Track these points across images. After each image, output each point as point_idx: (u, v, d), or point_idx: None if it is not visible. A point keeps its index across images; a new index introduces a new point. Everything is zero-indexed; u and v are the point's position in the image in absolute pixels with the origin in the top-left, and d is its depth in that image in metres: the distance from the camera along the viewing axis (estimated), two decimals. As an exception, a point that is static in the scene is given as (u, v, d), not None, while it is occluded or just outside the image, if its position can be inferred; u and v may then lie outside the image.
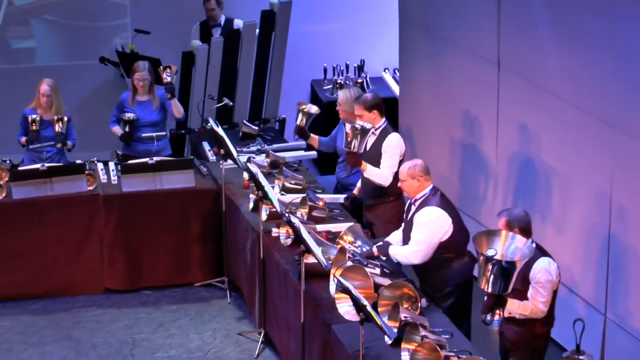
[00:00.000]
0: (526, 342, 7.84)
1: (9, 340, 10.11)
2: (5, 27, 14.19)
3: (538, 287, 7.63)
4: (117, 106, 11.59)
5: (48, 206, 10.77)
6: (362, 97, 9.98)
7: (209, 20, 13.71)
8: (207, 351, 9.85)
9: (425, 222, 8.51)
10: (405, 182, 8.66)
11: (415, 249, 8.53)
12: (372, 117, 9.83)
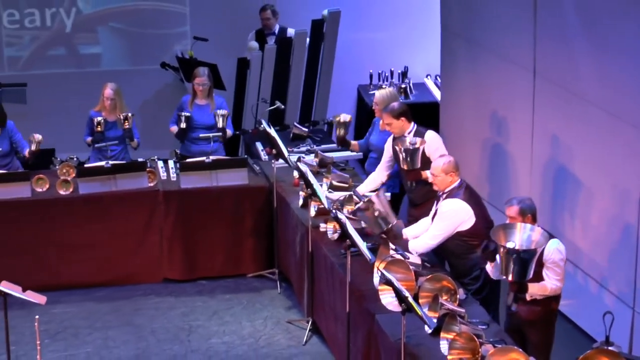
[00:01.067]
0: (542, 319, 7.92)
1: (75, 325, 10.16)
2: (74, 34, 14.26)
3: (553, 267, 7.76)
4: (178, 108, 11.63)
5: (112, 201, 10.83)
6: (389, 106, 9.89)
7: (264, 29, 13.73)
8: (258, 338, 9.86)
9: (446, 211, 8.61)
10: (439, 178, 8.69)
11: (432, 235, 8.65)
12: (400, 124, 9.79)
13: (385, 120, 9.87)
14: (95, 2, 14.21)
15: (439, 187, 8.76)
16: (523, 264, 7.35)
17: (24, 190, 10.71)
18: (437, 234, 8.62)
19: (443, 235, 8.61)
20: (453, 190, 8.66)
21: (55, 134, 13.26)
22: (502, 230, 7.54)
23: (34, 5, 14.06)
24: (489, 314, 8.08)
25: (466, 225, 8.55)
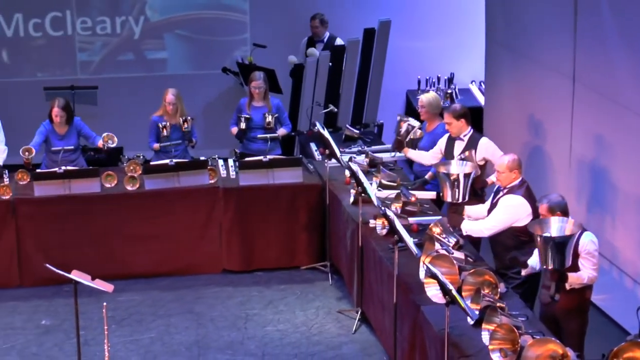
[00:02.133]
0: (578, 308, 7.93)
1: (139, 312, 10.21)
2: (142, 40, 14.33)
3: (588, 257, 7.78)
4: (237, 110, 11.68)
5: (175, 196, 10.87)
6: (451, 107, 9.93)
7: (314, 37, 13.74)
8: (310, 326, 9.86)
9: (506, 206, 8.64)
10: (504, 174, 8.70)
11: (489, 225, 8.70)
12: (459, 125, 9.77)
13: (445, 120, 9.88)
14: (162, 10, 14.28)
15: (502, 183, 8.78)
16: (560, 250, 7.43)
17: (94, 186, 10.78)
18: (493, 225, 8.69)
19: (498, 227, 8.68)
20: (514, 187, 8.68)
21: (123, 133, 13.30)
22: (537, 223, 7.64)
23: (106, 14, 14.15)
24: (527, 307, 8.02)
25: (522, 222, 8.55)
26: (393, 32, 13.60)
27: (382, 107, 13.83)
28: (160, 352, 9.40)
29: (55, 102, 11.10)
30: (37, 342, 9.63)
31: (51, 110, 11.08)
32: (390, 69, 13.80)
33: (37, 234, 10.69)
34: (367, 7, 14.14)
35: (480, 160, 9.75)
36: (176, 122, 11.33)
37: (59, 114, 11.03)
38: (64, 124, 11.11)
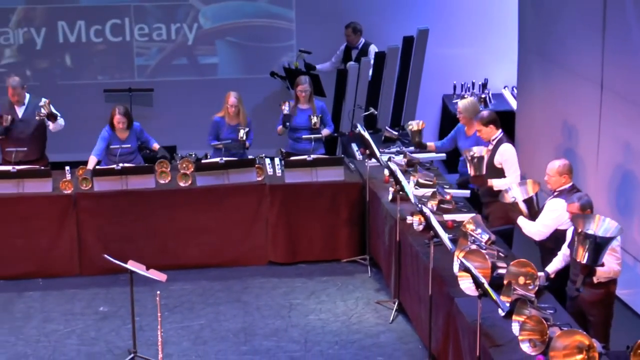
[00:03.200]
0: (604, 300, 7.89)
1: (190, 300, 10.24)
2: (195, 46, 14.38)
3: (613, 252, 7.71)
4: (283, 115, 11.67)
5: (225, 192, 10.89)
6: (480, 114, 9.87)
7: (348, 44, 13.75)
8: (350, 316, 9.85)
9: (551, 210, 8.56)
10: (553, 178, 8.61)
11: (540, 230, 8.62)
12: (489, 131, 9.74)
13: (476, 127, 9.85)
14: (214, 18, 14.31)
15: (551, 186, 8.69)
16: (598, 249, 7.37)
17: (149, 182, 10.82)
18: (540, 230, 8.62)
19: (545, 232, 8.61)
20: (563, 191, 8.58)
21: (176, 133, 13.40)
22: (581, 219, 7.55)
23: (161, 21, 14.21)
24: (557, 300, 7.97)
25: (565, 227, 8.45)
26: (431, 39, 13.57)
27: (420, 110, 13.79)
28: (209, 338, 9.43)
29: (116, 110, 11.04)
30: (96, 327, 9.69)
31: (112, 118, 11.04)
32: (427, 74, 13.76)
33: (97, 227, 10.75)
34: (406, 16, 14.09)
35: (498, 164, 9.71)
36: (236, 123, 11.35)
37: (121, 121, 11.01)
38: (125, 130, 11.13)
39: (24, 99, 11.29)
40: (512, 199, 8.88)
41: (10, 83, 11.20)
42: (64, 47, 14.21)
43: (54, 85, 13.60)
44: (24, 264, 10.72)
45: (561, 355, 6.68)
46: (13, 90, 11.17)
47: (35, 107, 11.21)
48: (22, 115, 11.29)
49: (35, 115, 11.11)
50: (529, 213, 8.80)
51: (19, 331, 9.62)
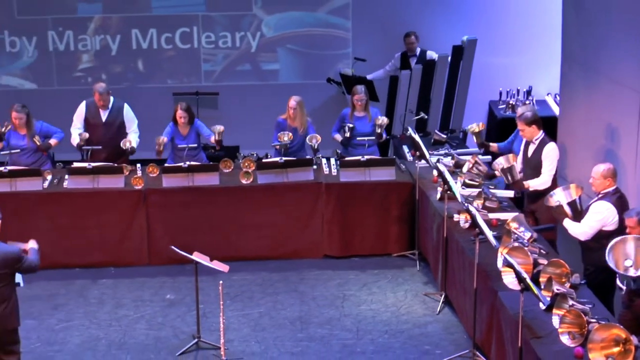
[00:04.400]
0: None
1: (250, 290, 10.28)
2: (258, 53, 14.42)
3: None
4: (339, 119, 11.69)
5: (284, 190, 10.91)
6: (522, 115, 9.79)
7: (407, 52, 13.71)
8: (399, 307, 9.83)
9: (595, 212, 8.47)
10: (597, 181, 8.53)
11: (580, 231, 8.52)
12: (531, 130, 9.69)
13: (519, 126, 9.81)
14: (276, 28, 14.35)
15: (595, 189, 8.60)
16: None
17: (213, 179, 10.88)
18: (584, 230, 8.51)
19: (589, 233, 8.49)
20: (607, 194, 8.49)
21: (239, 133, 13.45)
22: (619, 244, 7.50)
23: (227, 30, 14.28)
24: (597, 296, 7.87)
25: (608, 228, 8.39)
26: (478, 48, 13.50)
27: (467, 115, 13.72)
28: (267, 325, 9.45)
29: (179, 106, 11.27)
30: (163, 314, 9.75)
31: (175, 113, 11.24)
32: (475, 81, 13.69)
33: (164, 220, 10.82)
34: (456, 26, 14.04)
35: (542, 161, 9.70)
36: (297, 125, 11.39)
37: (182, 116, 11.18)
38: (186, 125, 11.26)
39: (108, 103, 11.46)
40: (556, 203, 8.82)
41: (97, 89, 11.39)
42: (136, 53, 14.33)
43: (127, 88, 13.71)
44: (98, 254, 10.82)
45: (599, 348, 6.62)
46: (100, 96, 11.35)
47: (118, 110, 11.42)
48: (105, 118, 11.45)
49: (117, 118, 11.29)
50: (573, 215, 8.73)
51: (92, 316, 9.72)
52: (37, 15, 14.10)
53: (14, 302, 7.68)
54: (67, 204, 10.73)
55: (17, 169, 10.77)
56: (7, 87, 14.28)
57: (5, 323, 7.63)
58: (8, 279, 7.59)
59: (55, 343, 9.15)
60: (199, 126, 11.39)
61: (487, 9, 14.16)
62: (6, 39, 14.16)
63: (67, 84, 14.24)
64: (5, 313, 7.60)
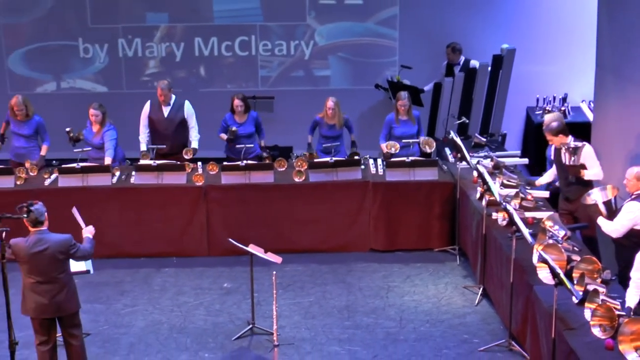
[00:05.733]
0: None
1: (301, 280, 10.28)
2: (311, 60, 14.43)
3: None
4: (385, 124, 11.65)
5: (333, 188, 10.90)
6: (549, 126, 9.65)
7: (449, 62, 13.66)
8: (440, 298, 9.78)
9: (627, 212, 8.39)
10: (631, 182, 8.45)
11: (617, 229, 8.43)
12: (559, 139, 9.58)
13: (547, 137, 9.70)
14: (328, 37, 14.35)
15: (629, 190, 8.52)
16: None
17: (268, 177, 10.90)
18: (616, 228, 8.44)
19: (621, 231, 8.42)
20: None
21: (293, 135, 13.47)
22: None
23: (283, 39, 14.30)
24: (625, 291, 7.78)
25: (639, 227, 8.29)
26: (517, 57, 13.40)
27: (506, 120, 13.64)
28: (317, 313, 9.46)
29: (236, 96, 11.52)
30: (220, 301, 9.79)
31: (232, 102, 11.48)
32: (513, 88, 13.58)
33: (223, 214, 10.86)
34: (496, 35, 13.94)
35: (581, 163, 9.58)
36: (333, 123, 11.41)
37: (239, 104, 11.42)
38: (243, 114, 11.43)
39: (169, 99, 11.55)
40: (592, 201, 8.75)
41: (160, 85, 11.52)
42: (199, 60, 14.40)
43: (190, 92, 13.78)
44: (161, 245, 10.89)
45: (629, 340, 6.55)
46: (161, 91, 11.47)
47: (179, 106, 11.52)
48: (167, 114, 11.54)
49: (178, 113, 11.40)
50: (607, 214, 8.64)
51: (156, 302, 9.79)
52: (108, 24, 14.23)
53: (72, 287, 7.76)
54: (134, 199, 10.81)
55: (89, 166, 10.88)
56: (81, 90, 14.44)
57: (68, 307, 7.71)
58: (64, 266, 7.66)
59: (121, 326, 9.22)
60: (257, 118, 11.57)
61: (525, 19, 14.05)
62: (80, 46, 14.31)
63: (135, 88, 14.35)
64: (67, 297, 7.68)
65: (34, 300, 7.61)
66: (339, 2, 14.25)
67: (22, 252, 7.57)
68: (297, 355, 8.59)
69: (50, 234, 7.64)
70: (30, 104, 11.43)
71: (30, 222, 7.59)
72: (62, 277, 7.63)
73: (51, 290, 7.60)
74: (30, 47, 14.36)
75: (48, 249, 7.55)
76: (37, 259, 7.56)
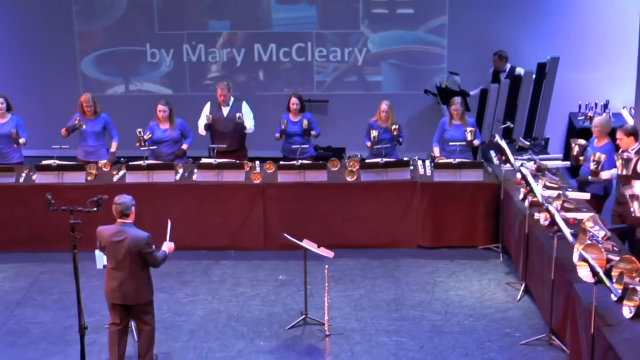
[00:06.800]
0: None
1: (352, 274, 10.27)
2: (364, 66, 14.43)
3: None
4: (439, 127, 11.59)
5: (383, 187, 10.87)
6: (624, 125, 9.65)
7: (496, 69, 13.56)
8: (483, 293, 9.72)
9: None
10: None
11: None
12: (629, 141, 9.48)
13: (617, 135, 9.59)
14: (380, 44, 14.33)
15: None
16: None
17: (322, 176, 10.91)
18: None
19: None
20: None
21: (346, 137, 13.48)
22: None
23: (337, 45, 14.32)
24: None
25: None
26: (560, 65, 13.27)
27: (549, 125, 13.51)
28: (366, 306, 9.44)
29: (293, 94, 11.63)
30: (275, 292, 9.82)
31: (289, 101, 11.55)
32: (556, 94, 13.46)
33: (279, 211, 10.89)
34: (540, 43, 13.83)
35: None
36: (386, 126, 11.39)
37: (295, 102, 11.52)
38: (298, 112, 11.53)
39: (228, 100, 11.63)
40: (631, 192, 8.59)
41: (220, 86, 11.63)
42: (258, 65, 14.47)
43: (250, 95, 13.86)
44: (220, 238, 10.95)
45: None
46: (221, 92, 11.58)
47: (237, 107, 11.60)
48: (226, 114, 11.63)
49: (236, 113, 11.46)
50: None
51: (215, 292, 9.85)
52: (174, 31, 14.37)
53: (146, 278, 7.83)
54: (196, 195, 10.89)
55: (154, 163, 10.98)
56: (148, 92, 14.60)
57: (135, 297, 7.79)
58: (138, 258, 7.73)
59: (182, 314, 9.30)
60: (310, 117, 11.56)
61: (569, 29, 13.92)
62: (148, 51, 14.47)
63: (198, 91, 14.47)
64: (134, 289, 7.75)
65: (109, 284, 7.74)
66: (391, 11, 14.22)
67: (103, 239, 7.71)
68: (347, 345, 8.59)
69: (132, 227, 7.73)
70: (98, 102, 11.58)
71: (116, 213, 7.72)
72: (134, 269, 7.71)
73: (122, 279, 7.69)
74: (102, 52, 14.56)
75: (125, 241, 7.65)
76: (115, 248, 7.66)
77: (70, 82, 14.56)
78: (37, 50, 14.50)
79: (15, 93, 12.40)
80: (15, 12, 14.43)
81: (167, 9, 14.33)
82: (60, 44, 14.49)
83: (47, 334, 8.86)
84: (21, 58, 14.55)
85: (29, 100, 14.12)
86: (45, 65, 14.55)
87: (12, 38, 14.51)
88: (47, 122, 13.83)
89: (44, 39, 14.45)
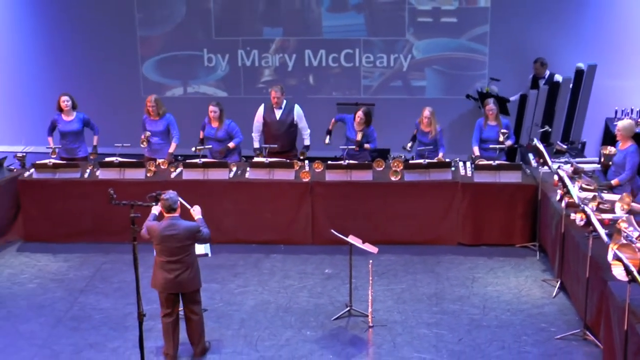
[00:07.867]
0: None
1: (395, 269, 10.24)
2: (408, 72, 14.38)
3: None
4: (476, 127, 11.53)
5: (426, 187, 10.83)
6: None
7: (536, 75, 13.44)
8: (520, 289, 9.64)
9: None
10: None
11: None
12: None
13: None
14: (424, 51, 14.27)
15: None
16: None
17: (367, 175, 10.90)
18: None
19: None
20: None
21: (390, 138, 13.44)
22: None
23: (384, 52, 14.29)
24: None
25: None
26: (598, 72, 13.12)
27: (586, 130, 13.36)
28: (408, 299, 9.42)
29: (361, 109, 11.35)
30: (322, 285, 9.84)
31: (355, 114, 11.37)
32: (593, 100, 13.30)
33: (326, 208, 10.90)
34: (577, 51, 13.69)
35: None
36: (428, 130, 11.34)
37: (361, 116, 11.26)
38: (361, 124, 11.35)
39: (282, 103, 11.65)
40: None
41: (274, 89, 11.66)
42: (308, 70, 14.50)
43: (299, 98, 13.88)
44: (271, 233, 10.99)
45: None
46: (274, 94, 11.59)
47: (290, 109, 11.62)
48: (279, 116, 11.66)
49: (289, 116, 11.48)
50: None
51: (265, 284, 9.88)
52: (230, 37, 14.45)
53: (196, 267, 7.90)
54: (248, 192, 10.94)
55: (209, 161, 11.05)
56: (204, 95, 14.70)
57: (190, 285, 7.86)
58: (190, 249, 7.81)
59: (234, 304, 9.35)
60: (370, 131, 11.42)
61: (606, 37, 13.74)
62: (205, 56, 14.57)
63: (251, 94, 14.54)
64: (190, 277, 7.83)
65: (163, 276, 7.79)
66: (435, 20, 14.16)
67: (155, 234, 7.77)
68: (389, 336, 8.58)
69: (181, 220, 7.81)
70: (162, 103, 11.70)
71: (164, 208, 7.79)
72: (187, 259, 7.79)
73: (177, 269, 7.76)
74: (162, 56, 14.70)
75: (178, 234, 7.72)
76: (168, 241, 7.73)
77: (132, 84, 14.72)
78: (101, 52, 14.68)
79: (80, 93, 12.56)
80: (83, 16, 14.63)
81: (224, 16, 14.42)
82: (124, 47, 14.66)
83: (108, 319, 8.97)
84: (87, 60, 14.75)
85: (93, 99, 14.29)
86: (108, 68, 14.73)
87: (79, 41, 14.71)
88: (110, 121, 13.99)
89: (108, 42, 14.63)
